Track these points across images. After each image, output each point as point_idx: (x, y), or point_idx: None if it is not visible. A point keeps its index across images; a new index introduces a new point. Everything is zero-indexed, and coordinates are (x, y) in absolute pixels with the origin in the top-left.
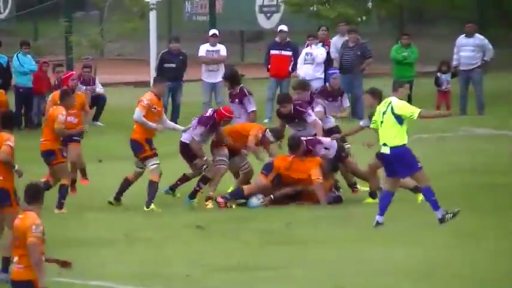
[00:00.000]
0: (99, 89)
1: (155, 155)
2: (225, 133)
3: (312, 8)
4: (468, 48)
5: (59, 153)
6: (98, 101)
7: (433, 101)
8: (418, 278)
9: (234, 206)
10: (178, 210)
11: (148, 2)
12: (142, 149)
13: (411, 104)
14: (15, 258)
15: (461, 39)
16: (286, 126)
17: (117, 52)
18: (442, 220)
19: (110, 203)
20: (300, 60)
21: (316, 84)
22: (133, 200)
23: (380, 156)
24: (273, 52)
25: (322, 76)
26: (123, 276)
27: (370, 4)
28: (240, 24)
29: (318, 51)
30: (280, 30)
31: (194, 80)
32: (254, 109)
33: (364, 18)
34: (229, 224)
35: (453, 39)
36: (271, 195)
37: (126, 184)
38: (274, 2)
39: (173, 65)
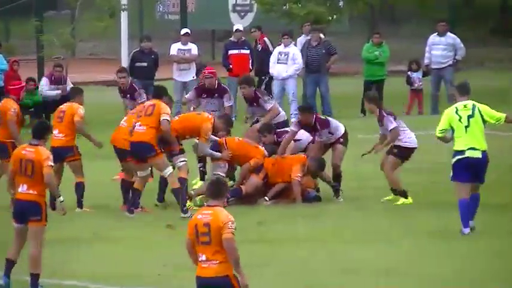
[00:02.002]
0: (71, 88)
1: (183, 151)
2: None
3: (284, 7)
4: (440, 47)
5: (75, 150)
6: (69, 100)
7: (405, 100)
8: (388, 276)
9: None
10: (149, 210)
11: (120, 1)
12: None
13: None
14: (203, 256)
15: (433, 38)
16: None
17: (89, 51)
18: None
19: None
20: (273, 59)
21: (292, 83)
22: (105, 199)
23: (466, 161)
24: (231, 52)
25: (297, 74)
26: (96, 275)
27: (341, 3)
28: (213, 24)
29: (295, 50)
30: (236, 30)
31: (165, 78)
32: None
33: (335, 17)
34: None
35: (425, 38)
36: (266, 198)
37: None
38: (247, 2)
39: (145, 64)
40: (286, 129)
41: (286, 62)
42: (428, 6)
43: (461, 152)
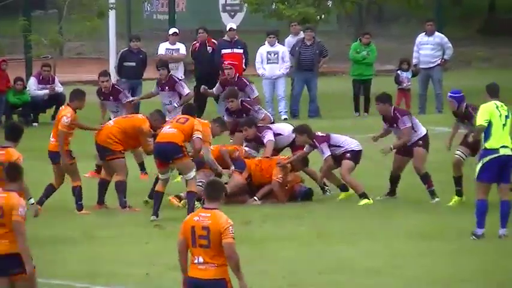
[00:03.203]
0: (59, 87)
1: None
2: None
3: (273, 7)
4: (428, 47)
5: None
6: (57, 100)
7: (393, 99)
8: (374, 276)
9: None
10: (138, 209)
11: (108, 0)
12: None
13: (370, 102)
14: (200, 259)
15: (421, 37)
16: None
17: (77, 51)
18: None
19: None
20: (261, 59)
21: (282, 82)
22: (94, 199)
23: (499, 159)
24: (224, 51)
25: (286, 73)
26: (83, 274)
27: (330, 3)
28: (203, 23)
29: (284, 49)
30: (230, 29)
31: (153, 78)
32: (189, 91)
33: (323, 16)
34: None
35: (413, 38)
36: (255, 198)
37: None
38: (238, 1)
39: (133, 64)
40: (268, 125)
41: (277, 61)
42: (417, 6)
43: (495, 150)
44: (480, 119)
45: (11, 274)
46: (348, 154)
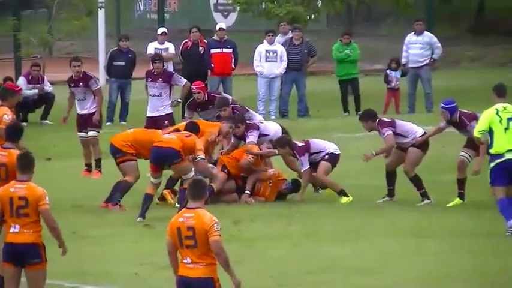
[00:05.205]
0: (48, 87)
1: None
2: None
3: (262, 6)
4: (417, 46)
5: None
6: (46, 99)
7: (382, 99)
8: (362, 275)
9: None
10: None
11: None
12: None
13: (360, 102)
14: (188, 259)
15: (410, 36)
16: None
17: (66, 50)
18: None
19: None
20: (259, 57)
21: (278, 82)
22: (84, 199)
23: (505, 164)
24: (213, 51)
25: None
26: (72, 273)
27: (319, 2)
28: (195, 23)
29: (282, 48)
30: (219, 28)
31: (142, 78)
32: (185, 81)
33: (312, 16)
34: None
35: (402, 37)
36: (247, 192)
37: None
38: (230, 1)
39: (122, 63)
40: (258, 124)
41: (276, 60)
42: (405, 5)
43: (500, 155)
44: (475, 130)
45: (28, 264)
46: (326, 156)
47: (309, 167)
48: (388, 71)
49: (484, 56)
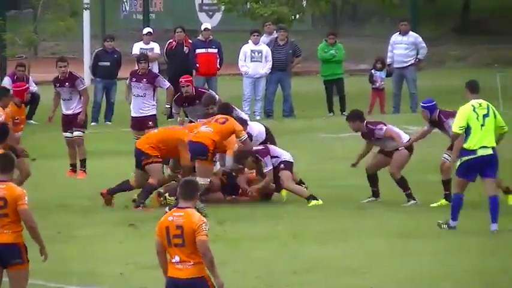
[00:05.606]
0: (33, 87)
1: None
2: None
3: (247, 6)
4: (402, 46)
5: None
6: (31, 100)
7: (367, 99)
8: (349, 275)
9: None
10: (111, 209)
11: (82, 0)
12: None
13: (345, 102)
14: (177, 258)
15: (396, 37)
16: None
17: (52, 51)
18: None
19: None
20: (244, 57)
21: (263, 82)
22: (71, 198)
23: (476, 160)
24: (199, 51)
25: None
26: (56, 274)
27: (304, 2)
28: (180, 23)
29: (267, 48)
30: (204, 29)
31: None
32: (169, 84)
33: (297, 16)
34: None
35: (387, 37)
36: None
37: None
38: (215, 1)
39: (107, 64)
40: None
41: (261, 60)
42: (390, 5)
43: (473, 151)
44: (455, 126)
45: (9, 265)
46: (282, 165)
47: (272, 167)
48: (373, 71)
49: (469, 55)
